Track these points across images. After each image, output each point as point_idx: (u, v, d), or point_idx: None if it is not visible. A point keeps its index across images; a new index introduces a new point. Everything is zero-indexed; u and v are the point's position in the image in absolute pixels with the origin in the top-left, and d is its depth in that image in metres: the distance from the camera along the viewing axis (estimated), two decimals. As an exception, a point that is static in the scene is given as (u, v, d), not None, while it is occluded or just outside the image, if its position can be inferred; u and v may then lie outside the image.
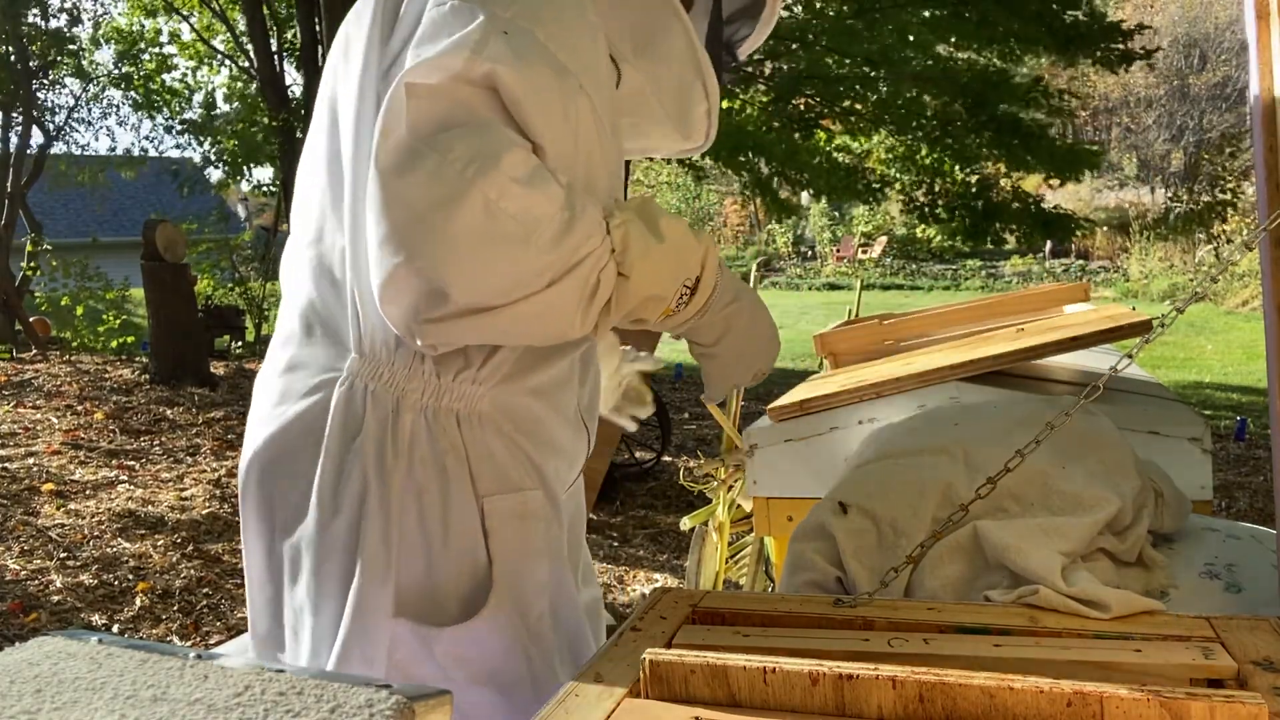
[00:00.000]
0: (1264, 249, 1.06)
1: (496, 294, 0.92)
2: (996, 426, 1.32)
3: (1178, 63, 24.53)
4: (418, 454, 1.04)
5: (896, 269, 21.82)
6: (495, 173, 0.88)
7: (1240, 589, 1.15)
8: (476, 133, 0.89)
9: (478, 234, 0.88)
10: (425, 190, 0.88)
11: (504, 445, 1.08)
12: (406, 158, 0.89)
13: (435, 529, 1.05)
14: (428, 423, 1.05)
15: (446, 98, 0.90)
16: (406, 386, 1.04)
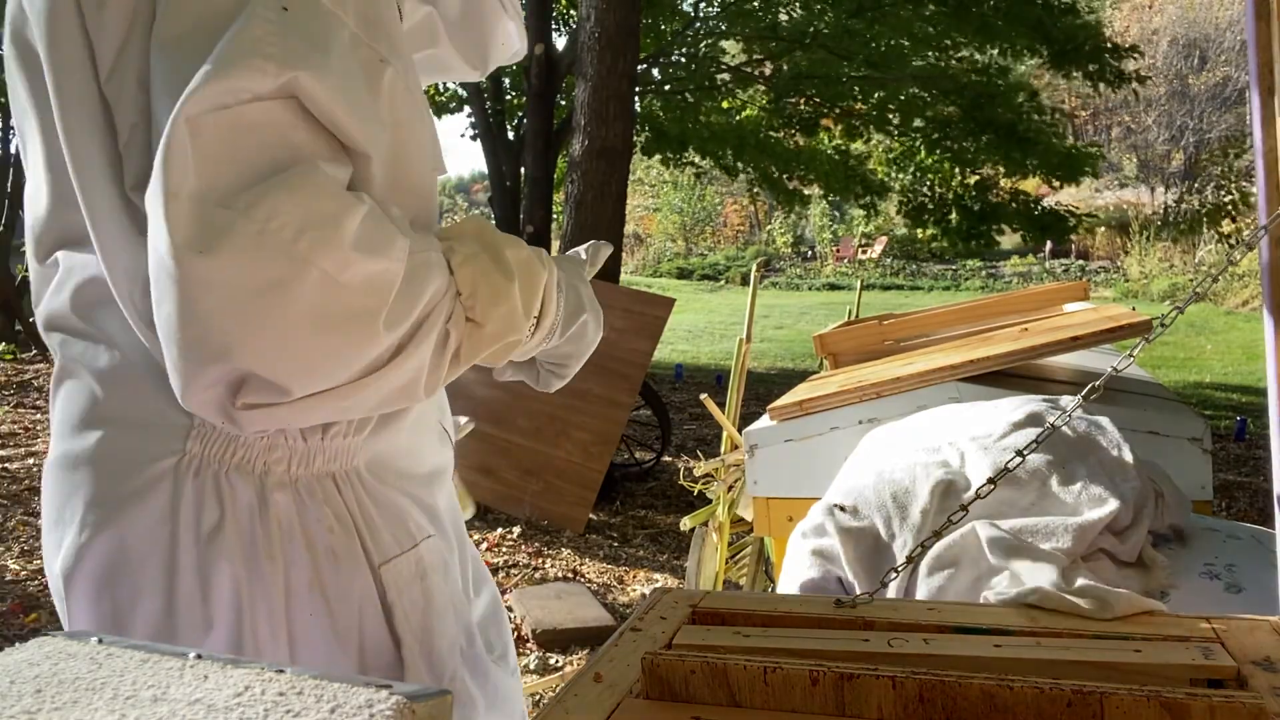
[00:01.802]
0: (1264, 249, 1.06)
1: (339, 379, 0.76)
2: (996, 427, 1.32)
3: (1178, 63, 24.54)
4: (298, 539, 0.86)
5: (896, 269, 21.83)
6: (335, 242, 0.71)
7: (1240, 589, 1.15)
8: (298, 186, 0.71)
9: (318, 318, 0.72)
10: (242, 272, 0.69)
11: (391, 496, 0.93)
12: (208, 228, 0.68)
13: (331, 623, 0.88)
14: (305, 497, 0.87)
15: (244, 132, 0.71)
16: (269, 459, 0.85)
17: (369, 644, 0.90)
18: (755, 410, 1.86)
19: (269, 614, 0.85)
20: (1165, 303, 15.19)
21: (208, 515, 0.84)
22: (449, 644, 0.97)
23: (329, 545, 0.87)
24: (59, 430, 0.90)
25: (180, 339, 0.71)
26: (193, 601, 0.84)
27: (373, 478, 0.92)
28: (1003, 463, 1.07)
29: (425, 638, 0.94)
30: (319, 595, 0.87)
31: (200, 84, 0.69)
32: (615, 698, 0.82)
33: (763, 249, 25.59)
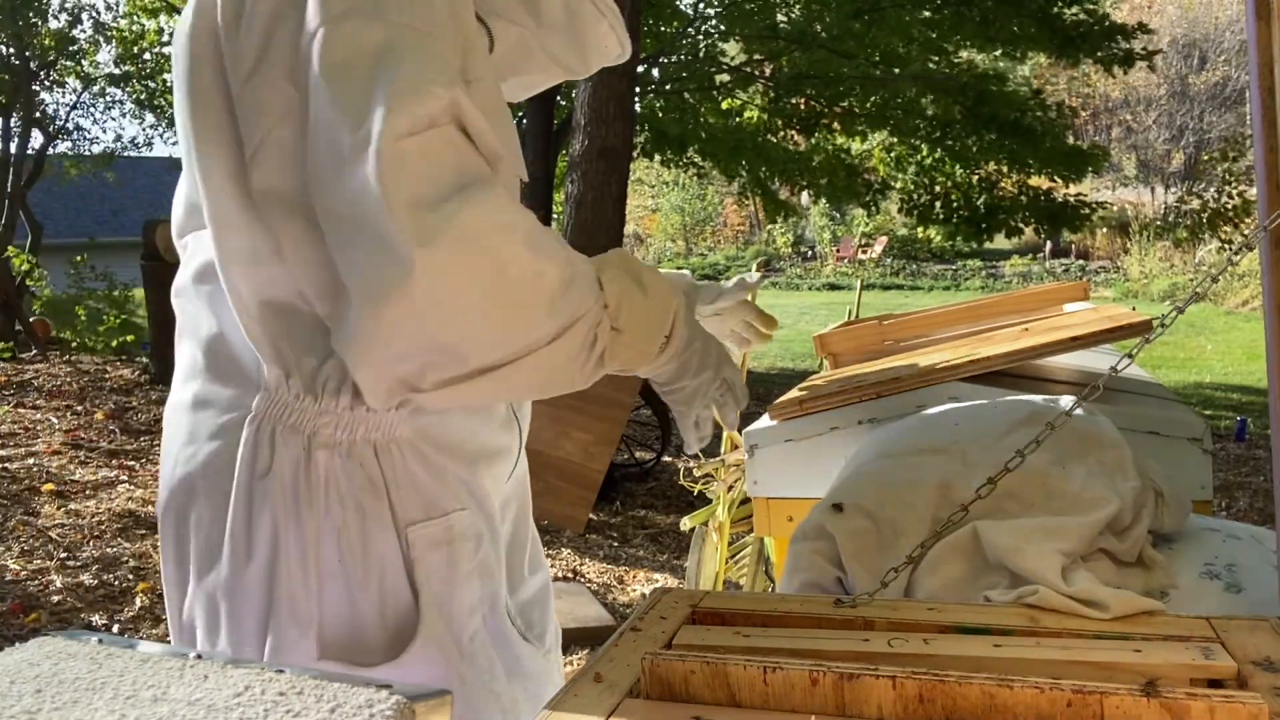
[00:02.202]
0: (1264, 249, 1.06)
1: (508, 352, 0.94)
2: (996, 426, 1.32)
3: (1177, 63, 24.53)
4: (334, 492, 1.00)
5: (896, 269, 21.83)
6: (513, 243, 0.91)
7: (1240, 589, 1.15)
8: (481, 199, 0.89)
9: (498, 300, 0.91)
10: (447, 265, 0.87)
11: (426, 470, 1.05)
12: (420, 231, 0.86)
13: (355, 568, 1.01)
14: (342, 458, 1.01)
15: (434, 154, 0.89)
16: (318, 422, 1.00)
17: (389, 592, 1.02)
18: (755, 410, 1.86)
19: (300, 553, 1.00)
20: (1165, 303, 15.18)
21: (260, 463, 1.00)
22: (469, 607, 1.07)
23: (359, 502, 1.01)
24: (174, 381, 1.12)
25: (379, 315, 0.88)
26: (239, 534, 1.01)
27: (412, 449, 1.04)
28: (1003, 462, 1.07)
29: (445, 596, 1.04)
30: (345, 543, 1.01)
31: (391, 115, 0.86)
32: (615, 698, 0.82)
33: (763, 249, 25.59)
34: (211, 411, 1.05)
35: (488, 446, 1.11)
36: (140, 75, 13.66)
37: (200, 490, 1.04)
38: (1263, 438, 6.90)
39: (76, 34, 13.07)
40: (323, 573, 1.01)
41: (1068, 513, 1.16)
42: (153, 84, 13.77)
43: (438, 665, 1.03)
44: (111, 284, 12.46)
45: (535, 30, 1.13)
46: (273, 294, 0.99)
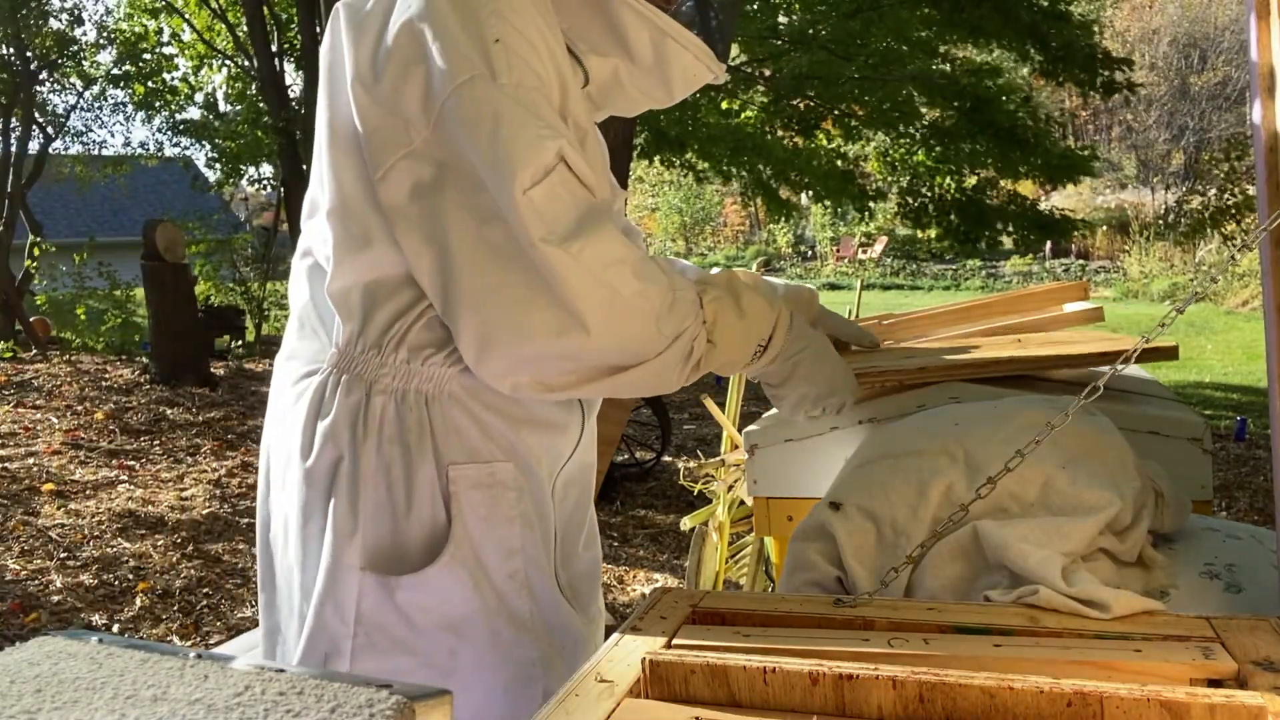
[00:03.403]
0: (1264, 249, 1.06)
1: (629, 357, 1.14)
2: (996, 426, 1.32)
3: (1178, 63, 24.53)
4: (386, 432, 1.18)
5: (896, 269, 21.83)
6: (625, 273, 1.10)
7: (1240, 589, 1.15)
8: (596, 236, 1.09)
9: (612, 322, 1.11)
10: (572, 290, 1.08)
11: (471, 421, 1.20)
12: (547, 263, 1.07)
13: (400, 495, 1.18)
14: (396, 404, 1.19)
15: (555, 196, 1.08)
16: (378, 374, 1.19)
17: (427, 517, 1.19)
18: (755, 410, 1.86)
19: (350, 486, 1.18)
20: (1165, 303, 15.18)
21: (325, 408, 1.20)
22: (509, 549, 1.21)
23: (405, 441, 1.18)
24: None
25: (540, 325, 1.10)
26: (305, 465, 1.21)
27: (458, 403, 1.19)
28: (1003, 462, 1.07)
29: (481, 532, 1.19)
30: (393, 475, 1.18)
31: (517, 169, 1.06)
32: (615, 698, 0.82)
33: (763, 249, 25.60)
34: (297, 364, 1.26)
35: (536, 415, 1.24)
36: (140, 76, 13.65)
37: (283, 430, 1.26)
38: (1263, 438, 6.90)
39: (77, 34, 13.07)
40: (371, 499, 1.18)
41: (1068, 513, 1.16)
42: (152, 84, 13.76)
43: (459, 586, 1.18)
44: (113, 284, 12.47)
45: (627, 65, 1.26)
46: (374, 273, 1.17)
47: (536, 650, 1.22)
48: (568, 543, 1.34)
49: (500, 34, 1.09)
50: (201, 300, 11.12)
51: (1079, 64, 9.07)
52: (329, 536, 1.18)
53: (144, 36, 13.54)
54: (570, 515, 1.35)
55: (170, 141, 14.58)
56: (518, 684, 1.21)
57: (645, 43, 1.23)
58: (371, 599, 1.17)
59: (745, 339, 1.26)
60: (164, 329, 8.48)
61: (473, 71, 1.08)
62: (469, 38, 1.09)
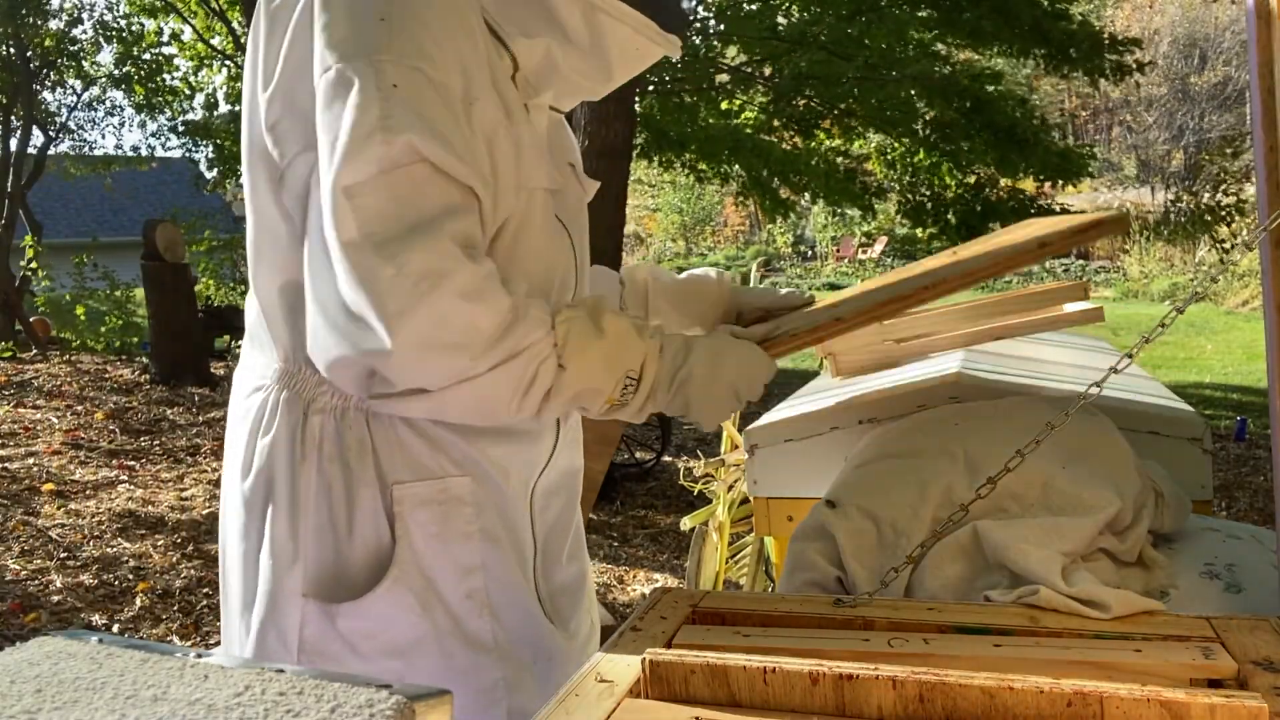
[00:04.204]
0: (1264, 249, 1.06)
1: (434, 384, 1.04)
2: (996, 426, 1.32)
3: (1178, 63, 24.54)
4: (326, 451, 1.14)
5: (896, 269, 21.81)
6: (443, 290, 0.98)
7: (1240, 589, 1.15)
8: (422, 246, 0.98)
9: (423, 341, 0.99)
10: (380, 301, 0.97)
11: (418, 437, 1.14)
12: (363, 267, 0.98)
13: (341, 518, 1.14)
14: (336, 422, 1.14)
15: (385, 192, 0.99)
16: (316, 391, 1.14)
17: (370, 540, 1.14)
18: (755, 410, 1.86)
19: (289, 502, 1.14)
20: (1165, 303, 15.18)
21: (265, 426, 1.17)
22: (465, 567, 1.16)
23: (346, 460, 1.14)
24: None
25: (328, 330, 1.02)
26: (245, 480, 1.17)
27: (404, 421, 1.14)
28: (1003, 462, 1.07)
29: (426, 549, 1.14)
30: (333, 496, 1.14)
31: (342, 161, 0.98)
32: (615, 698, 0.82)
33: (763, 249, 25.58)
34: (248, 375, 1.23)
35: (497, 427, 1.18)
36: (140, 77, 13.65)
37: (232, 443, 1.24)
38: (1263, 438, 6.90)
39: (77, 34, 13.06)
40: (311, 523, 1.14)
41: (1068, 513, 1.16)
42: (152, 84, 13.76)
43: (404, 609, 1.13)
44: (112, 284, 12.46)
45: (561, 45, 1.16)
46: (291, 276, 1.11)
47: (500, 671, 1.16)
48: (550, 554, 1.28)
49: (387, 13, 1.01)
50: (201, 300, 11.12)
51: (1085, 52, 9.05)
52: (268, 562, 1.14)
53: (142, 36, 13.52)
54: (553, 525, 1.29)
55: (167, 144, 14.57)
56: (477, 708, 1.15)
57: (578, 19, 1.13)
58: (314, 626, 1.13)
59: (606, 364, 1.11)
60: (164, 329, 8.48)
61: (344, 53, 1.00)
62: (354, 18, 1.02)
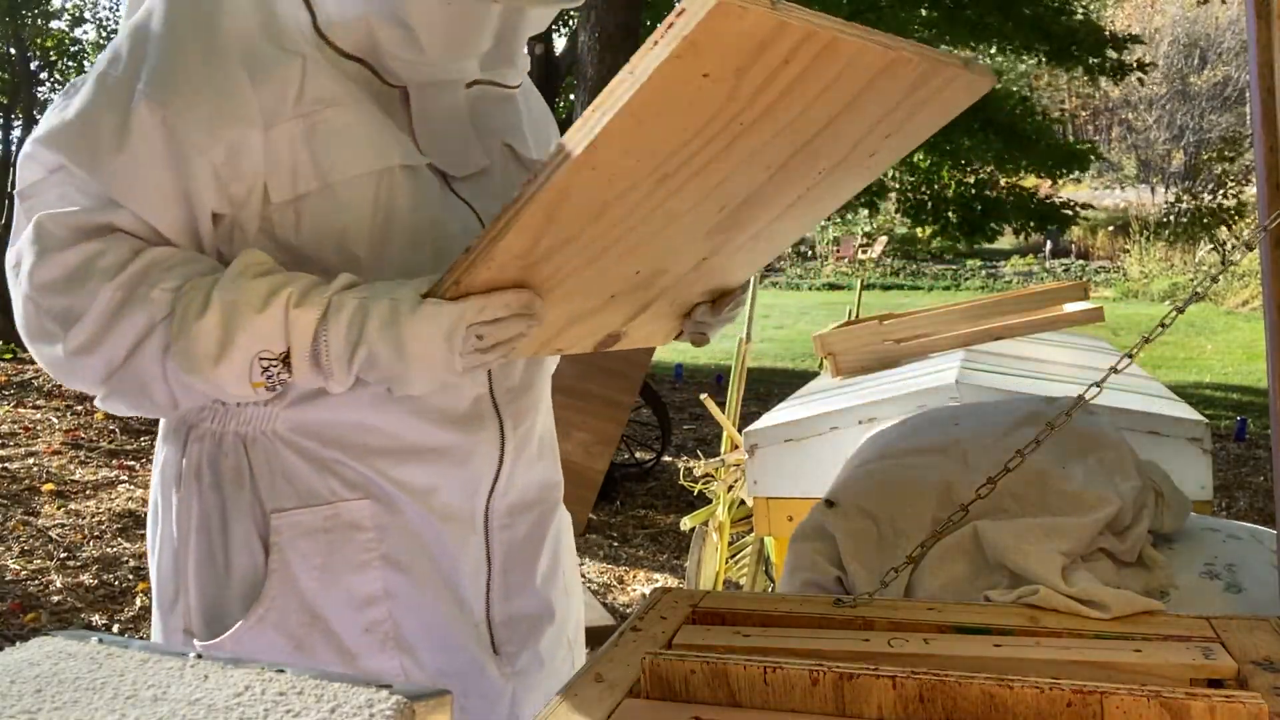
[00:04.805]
0: (1264, 249, 1.06)
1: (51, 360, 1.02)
2: (996, 427, 1.32)
3: (1178, 63, 24.55)
4: (205, 481, 1.10)
5: (896, 269, 21.82)
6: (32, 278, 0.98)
7: (1240, 589, 1.15)
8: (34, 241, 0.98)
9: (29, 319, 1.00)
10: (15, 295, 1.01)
11: (305, 461, 1.09)
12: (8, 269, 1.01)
13: (219, 551, 1.10)
14: (212, 449, 1.10)
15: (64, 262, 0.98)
16: (198, 417, 1.10)
17: (246, 573, 1.09)
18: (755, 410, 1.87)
19: (172, 531, 1.12)
20: (1165, 303, 15.18)
21: (157, 454, 1.16)
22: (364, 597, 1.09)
23: (222, 489, 1.09)
24: None
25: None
26: (148, 512, 1.16)
27: (287, 442, 1.09)
28: (1003, 462, 1.07)
29: (313, 583, 1.08)
30: (212, 527, 1.10)
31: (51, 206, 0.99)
32: (615, 698, 0.82)
33: (763, 249, 25.53)
34: None
35: (412, 443, 1.10)
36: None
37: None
38: (1263, 438, 6.90)
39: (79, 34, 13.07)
40: (193, 557, 1.10)
41: (1068, 513, 1.16)
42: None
43: (271, 648, 1.07)
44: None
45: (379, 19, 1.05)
46: None
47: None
48: (513, 575, 1.20)
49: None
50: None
51: (1087, 49, 9.05)
52: (155, 598, 1.13)
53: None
54: (522, 544, 1.21)
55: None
56: None
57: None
58: None
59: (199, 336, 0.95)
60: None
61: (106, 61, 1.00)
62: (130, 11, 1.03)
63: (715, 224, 1.03)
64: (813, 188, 1.05)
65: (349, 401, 1.08)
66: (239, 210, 1.04)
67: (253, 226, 1.05)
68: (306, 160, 1.03)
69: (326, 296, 0.97)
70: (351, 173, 1.04)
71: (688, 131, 0.83)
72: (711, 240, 1.07)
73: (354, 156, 1.04)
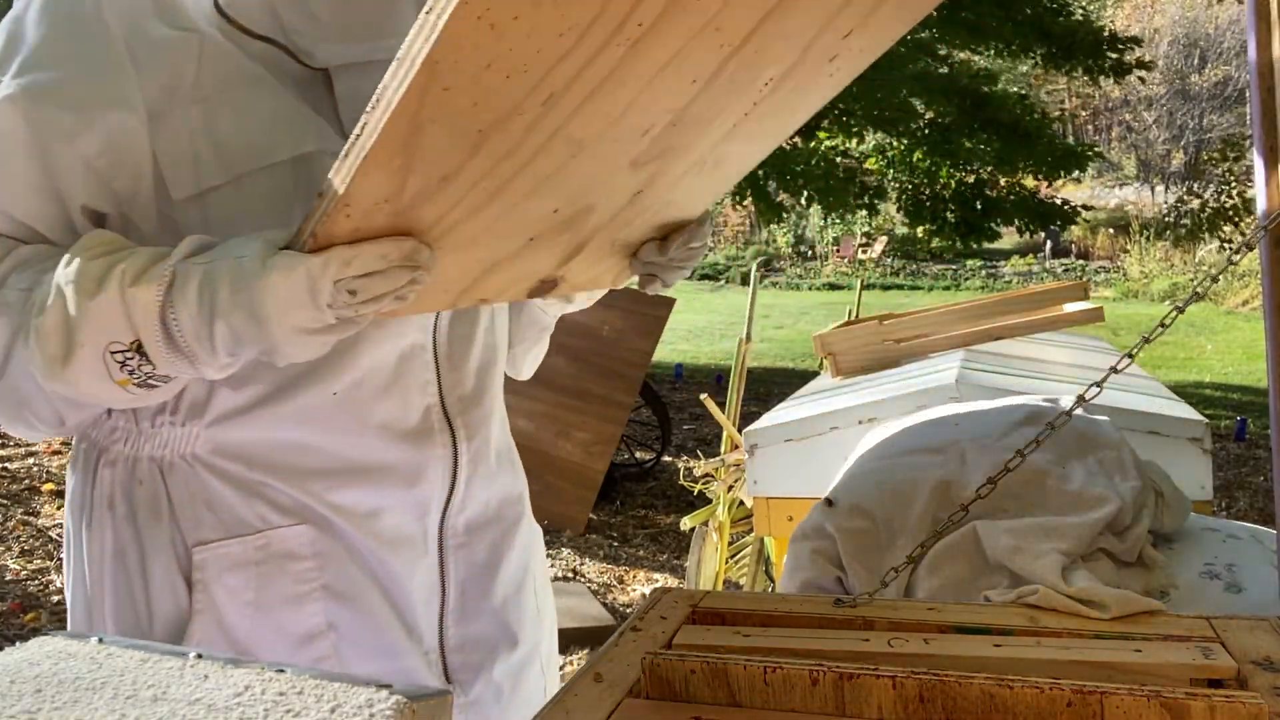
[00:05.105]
0: (1264, 249, 1.06)
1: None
2: (996, 426, 1.32)
3: (1178, 63, 24.56)
4: (118, 512, 0.99)
5: (896, 269, 21.83)
6: None
7: (1240, 589, 1.15)
8: None
9: None
10: None
11: (230, 487, 0.99)
12: None
13: (139, 589, 1.00)
14: (125, 476, 0.99)
15: None
16: (109, 440, 1.00)
17: (164, 613, 0.99)
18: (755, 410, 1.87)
19: (86, 569, 1.01)
20: (1165, 303, 15.19)
21: (67, 480, 1.05)
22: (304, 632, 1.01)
23: (137, 521, 0.99)
24: None
25: None
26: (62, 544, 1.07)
27: (210, 466, 0.99)
28: (1003, 463, 1.07)
29: (244, 622, 0.99)
30: (128, 563, 0.99)
31: None
32: (615, 698, 0.82)
33: (763, 249, 25.58)
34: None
35: (347, 462, 1.02)
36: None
37: None
38: (1263, 438, 6.90)
39: None
40: (107, 596, 1.00)
41: (1067, 513, 1.16)
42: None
43: None
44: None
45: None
46: None
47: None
48: (469, 596, 1.12)
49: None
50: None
51: (1085, 50, 9.06)
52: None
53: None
54: (482, 565, 1.13)
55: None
56: None
57: None
58: None
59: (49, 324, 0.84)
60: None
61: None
62: None
63: (641, 152, 0.87)
64: (760, 103, 0.88)
65: (279, 418, 0.99)
66: (128, 208, 0.93)
67: (148, 226, 0.93)
68: (210, 150, 0.92)
69: (169, 268, 0.83)
70: (263, 163, 0.94)
71: (567, 38, 0.67)
72: (642, 170, 0.90)
73: (265, 144, 0.94)
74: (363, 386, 1.02)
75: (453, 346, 1.09)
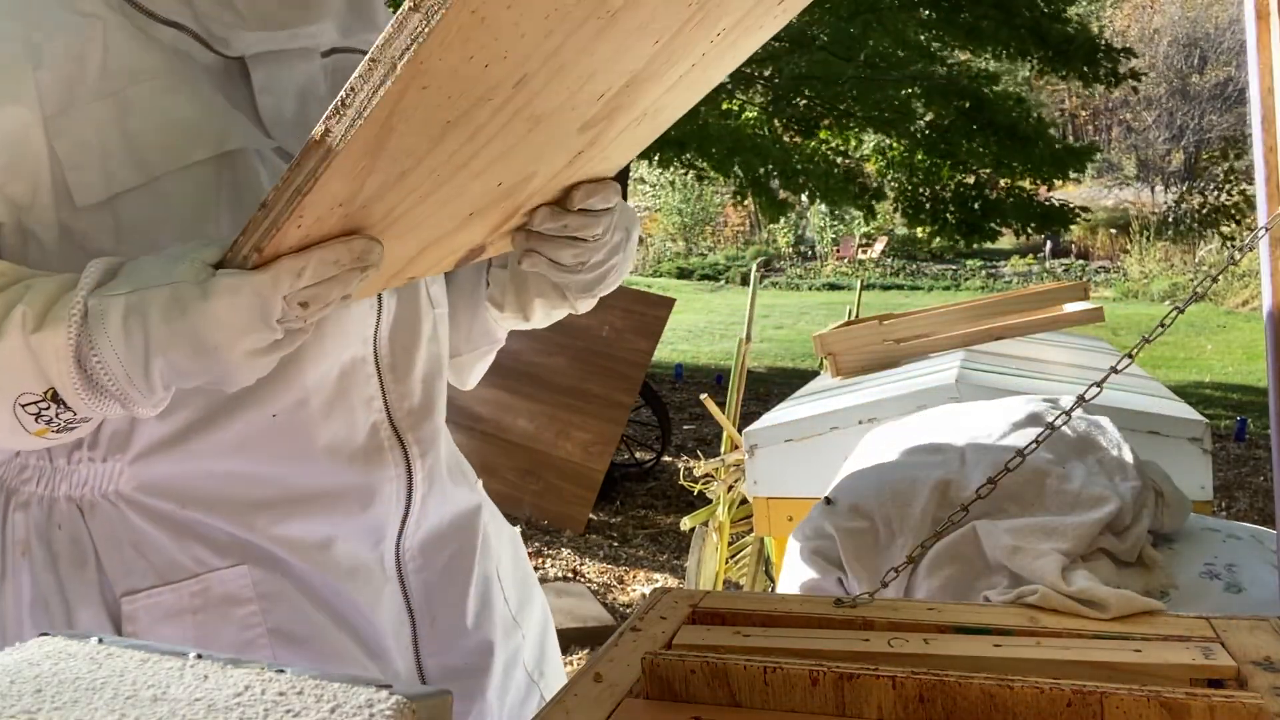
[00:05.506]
0: (1264, 249, 1.06)
1: None
2: (996, 426, 1.32)
3: (1178, 63, 24.56)
4: (37, 559, 0.88)
5: (896, 269, 21.84)
6: None
7: (1240, 589, 1.15)
8: None
9: None
10: None
11: (160, 528, 0.89)
12: None
13: None
14: (42, 519, 0.89)
15: None
16: (19, 479, 0.89)
17: None
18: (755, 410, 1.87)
19: (4, 623, 0.89)
20: (1165, 303, 15.19)
21: None
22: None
23: (58, 569, 0.88)
24: None
25: None
26: None
27: (138, 506, 0.89)
28: (1003, 463, 1.07)
29: None
30: (45, 616, 0.87)
31: None
32: (615, 698, 0.82)
33: (763, 249, 25.59)
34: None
35: (296, 491, 0.93)
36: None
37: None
38: (1263, 438, 6.90)
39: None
40: None
41: (1067, 513, 1.16)
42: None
43: None
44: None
45: None
46: None
47: None
48: (441, 621, 1.04)
49: None
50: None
51: (1081, 58, 9.09)
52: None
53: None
54: (443, 584, 1.05)
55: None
56: None
57: None
58: None
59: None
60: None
61: None
62: None
63: (593, 115, 0.81)
64: (708, 52, 0.84)
65: (213, 446, 0.89)
66: (25, 216, 0.83)
67: (49, 235, 0.83)
68: (120, 149, 0.83)
69: (77, 305, 0.74)
70: (182, 162, 0.85)
71: (551, 19, 0.63)
72: (588, 132, 0.84)
73: (182, 142, 0.85)
74: (305, 406, 0.92)
75: (396, 357, 1.00)
